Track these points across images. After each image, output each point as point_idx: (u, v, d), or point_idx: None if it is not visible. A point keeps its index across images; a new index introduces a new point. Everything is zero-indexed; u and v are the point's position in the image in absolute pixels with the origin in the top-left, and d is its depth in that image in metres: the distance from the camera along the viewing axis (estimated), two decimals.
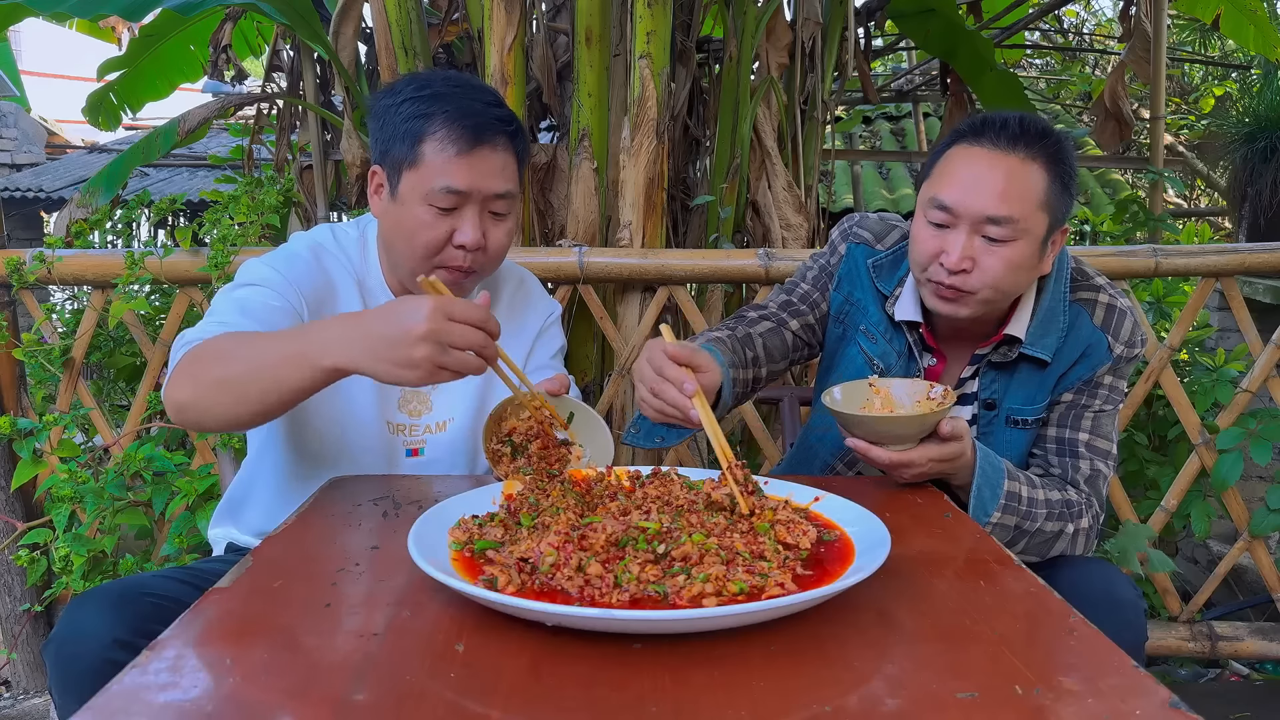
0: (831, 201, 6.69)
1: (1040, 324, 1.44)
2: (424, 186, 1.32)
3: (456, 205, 1.34)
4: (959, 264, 1.34)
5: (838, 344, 1.62)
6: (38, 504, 2.44)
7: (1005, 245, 1.34)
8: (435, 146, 1.32)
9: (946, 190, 1.36)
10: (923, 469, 1.30)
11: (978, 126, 1.37)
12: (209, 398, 1.17)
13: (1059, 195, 1.36)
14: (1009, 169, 1.33)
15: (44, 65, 21.69)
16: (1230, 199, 5.11)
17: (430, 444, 1.50)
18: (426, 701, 0.69)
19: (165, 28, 3.46)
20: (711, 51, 3.25)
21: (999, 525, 1.36)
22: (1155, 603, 2.47)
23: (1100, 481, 1.46)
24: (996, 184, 1.32)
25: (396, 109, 1.34)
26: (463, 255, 1.36)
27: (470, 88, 1.36)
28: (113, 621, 1.11)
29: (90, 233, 2.87)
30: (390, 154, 1.35)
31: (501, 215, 1.39)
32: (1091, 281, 1.50)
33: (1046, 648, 0.79)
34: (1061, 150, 1.35)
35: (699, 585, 0.83)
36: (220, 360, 1.17)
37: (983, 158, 1.34)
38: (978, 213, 1.33)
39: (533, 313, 1.60)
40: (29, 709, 2.38)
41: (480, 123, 1.32)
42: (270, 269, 1.38)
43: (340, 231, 1.51)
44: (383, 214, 1.40)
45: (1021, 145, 1.33)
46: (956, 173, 1.36)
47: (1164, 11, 4.35)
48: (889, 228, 1.60)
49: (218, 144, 8.67)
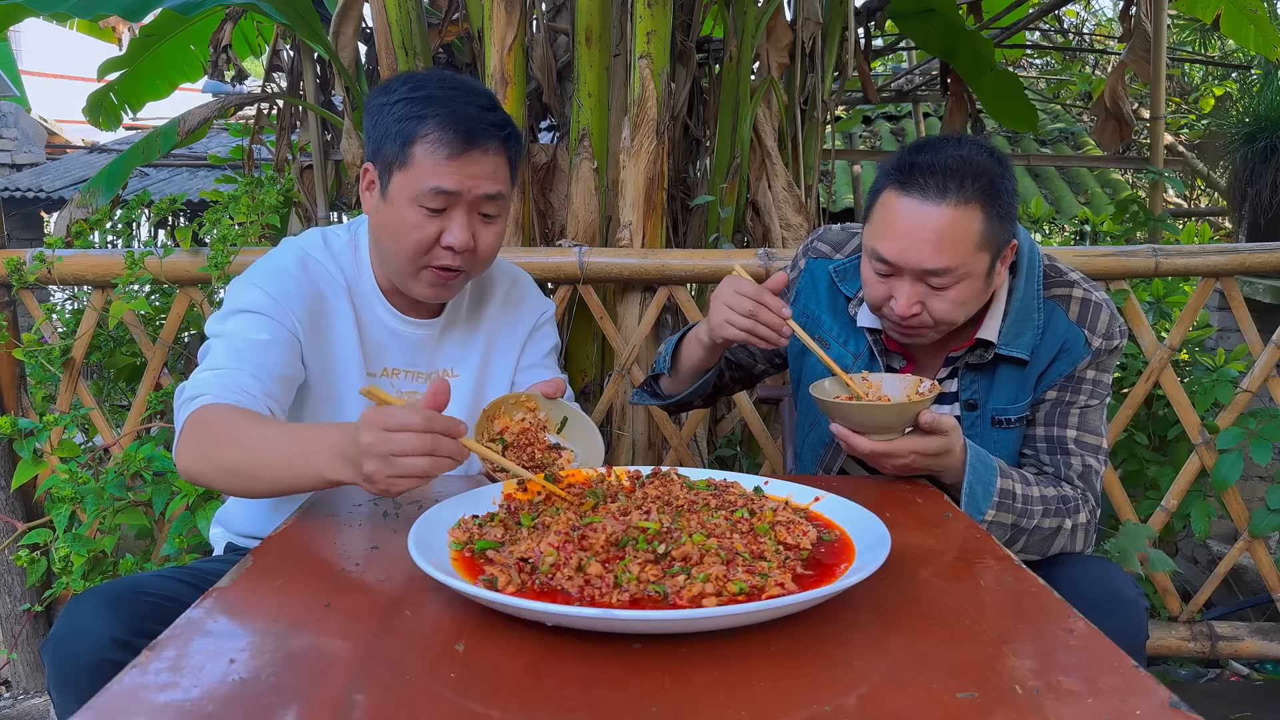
0: (831, 201, 6.69)
1: (1014, 323, 1.45)
2: (414, 187, 1.33)
3: (446, 206, 1.34)
4: (908, 310, 1.36)
5: (800, 356, 1.66)
6: (38, 504, 2.44)
7: (949, 289, 1.35)
8: (426, 148, 1.32)
9: (883, 244, 1.36)
10: (905, 461, 1.30)
11: (906, 172, 1.34)
12: (220, 480, 1.23)
13: (997, 227, 1.34)
14: (941, 221, 1.31)
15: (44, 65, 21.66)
16: (1230, 199, 5.12)
17: None
18: (426, 701, 0.69)
19: (165, 28, 3.45)
20: (711, 51, 3.25)
21: (995, 524, 1.36)
22: (1155, 603, 2.47)
23: (1093, 476, 1.47)
24: (929, 238, 1.31)
25: (390, 108, 1.34)
26: (451, 256, 1.36)
27: (465, 90, 1.36)
28: (111, 621, 1.11)
29: (90, 233, 2.86)
30: (382, 153, 1.35)
31: (491, 217, 1.39)
32: (1065, 277, 1.50)
33: (1046, 648, 0.79)
34: (993, 184, 1.33)
35: (699, 585, 0.83)
36: (228, 444, 1.19)
37: (913, 212, 1.32)
38: (916, 266, 1.33)
39: (525, 311, 1.61)
40: (29, 709, 2.38)
41: (473, 127, 1.32)
42: (260, 291, 1.38)
43: (331, 235, 1.51)
44: (373, 212, 1.41)
45: (951, 191, 1.31)
46: (891, 225, 1.35)
47: (1164, 11, 4.35)
48: (849, 236, 1.63)
49: (218, 144, 8.67)
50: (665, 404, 1.71)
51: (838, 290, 1.59)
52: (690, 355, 1.57)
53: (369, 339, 1.47)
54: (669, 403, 1.70)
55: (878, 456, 1.31)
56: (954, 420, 1.33)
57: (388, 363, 1.49)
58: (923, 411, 1.29)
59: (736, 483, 1.17)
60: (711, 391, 1.72)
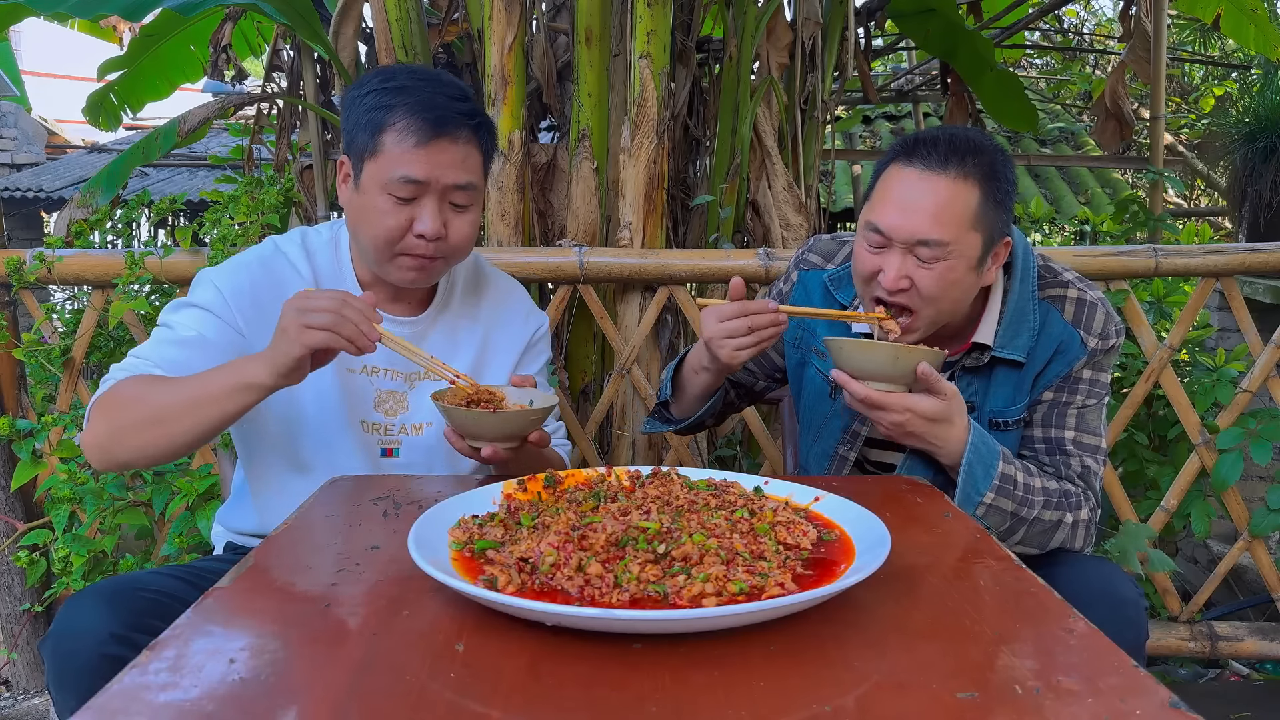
0: (831, 201, 6.69)
1: (1009, 325, 1.45)
2: (383, 176, 1.34)
3: (415, 195, 1.35)
4: (896, 283, 1.36)
5: (798, 369, 1.66)
6: (38, 504, 2.44)
7: (936, 265, 1.35)
8: (395, 137, 1.33)
9: (880, 214, 1.37)
10: (899, 418, 1.31)
11: (910, 145, 1.37)
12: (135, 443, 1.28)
13: (993, 211, 1.35)
14: (939, 190, 1.33)
15: (44, 65, 21.68)
16: (1230, 199, 5.12)
17: (406, 445, 1.50)
18: (426, 701, 0.69)
19: (165, 28, 3.46)
20: (711, 51, 3.25)
21: (994, 508, 1.36)
22: (1155, 603, 2.47)
23: (1092, 477, 1.47)
24: (927, 206, 1.33)
25: (361, 100, 1.36)
26: (424, 244, 1.37)
27: (435, 81, 1.38)
28: (109, 617, 1.11)
29: (90, 233, 2.86)
30: (354, 144, 1.37)
31: (463, 207, 1.40)
32: (1059, 278, 1.50)
33: (1046, 647, 0.79)
34: (994, 166, 1.35)
35: (699, 585, 0.83)
36: (137, 401, 1.27)
37: (914, 179, 1.35)
38: (909, 235, 1.34)
39: (520, 326, 1.61)
40: (29, 709, 2.38)
41: (441, 115, 1.34)
42: (212, 288, 1.42)
43: (312, 234, 1.53)
44: (348, 203, 1.42)
45: (953, 164, 1.33)
46: (890, 195, 1.37)
47: (1164, 11, 4.35)
48: (840, 245, 1.65)
49: (218, 144, 8.68)
50: (678, 429, 1.71)
51: (832, 299, 1.59)
52: (696, 383, 1.57)
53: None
54: (681, 427, 1.70)
55: (873, 408, 1.32)
56: (955, 388, 1.33)
57: (367, 360, 1.48)
58: (922, 362, 1.30)
59: (736, 483, 1.17)
60: (720, 412, 1.73)
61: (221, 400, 1.22)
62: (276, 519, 1.46)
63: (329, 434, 1.46)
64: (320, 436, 1.46)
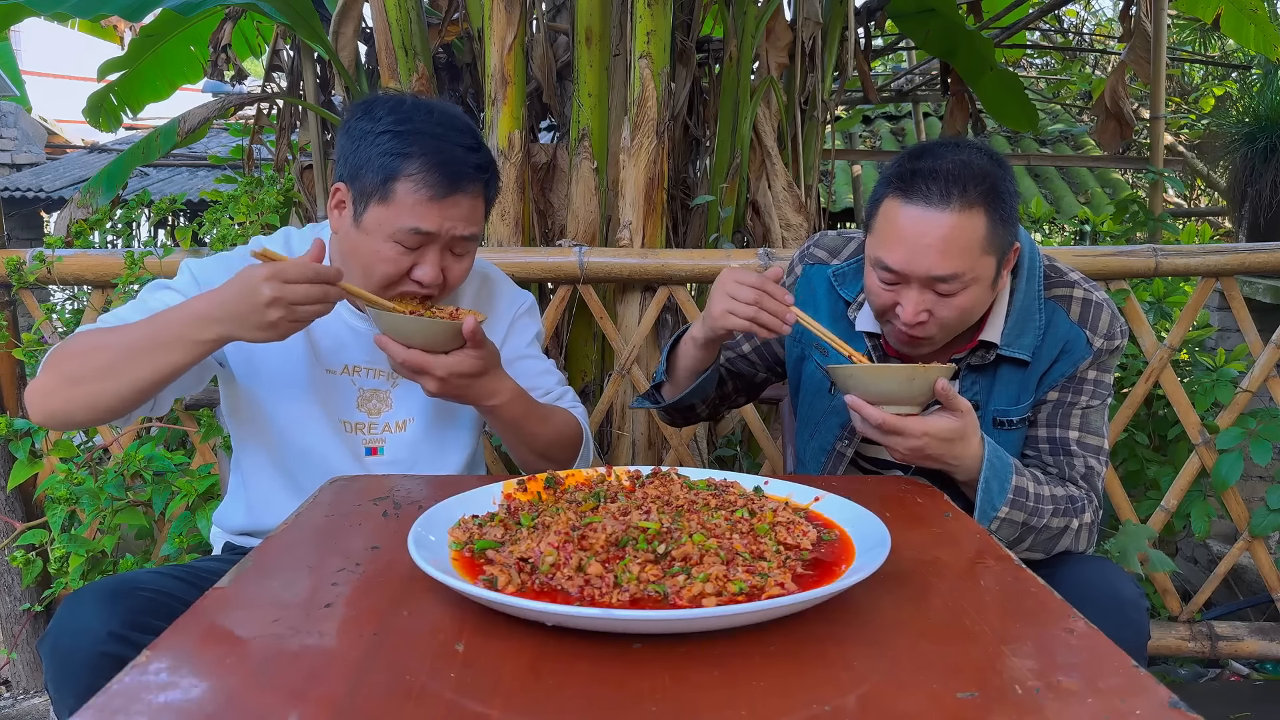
0: (831, 201, 6.69)
1: (1015, 324, 1.44)
2: (392, 224, 1.32)
3: (421, 245, 1.34)
4: (915, 317, 1.35)
5: (798, 363, 1.65)
6: (37, 504, 2.44)
7: (956, 295, 1.34)
8: (409, 187, 1.31)
9: (888, 253, 1.34)
10: (917, 443, 1.28)
11: (907, 181, 1.32)
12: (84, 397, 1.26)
13: (1001, 230, 1.33)
14: (945, 227, 1.30)
15: (44, 65, 21.69)
16: (1230, 199, 5.12)
17: (390, 443, 1.50)
18: (426, 701, 0.69)
19: (165, 28, 3.46)
20: (711, 51, 3.25)
21: (1006, 521, 1.36)
22: (1155, 603, 2.47)
23: (1095, 478, 1.47)
24: (935, 245, 1.30)
25: (375, 138, 1.33)
26: (419, 287, 1.37)
27: (452, 129, 1.35)
28: (107, 615, 1.11)
29: (90, 233, 2.86)
30: (360, 180, 1.34)
31: (462, 254, 1.40)
32: (1065, 278, 1.49)
33: (1046, 647, 0.79)
34: (996, 187, 1.32)
35: (699, 585, 0.83)
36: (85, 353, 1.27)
37: (917, 219, 1.31)
38: (922, 274, 1.32)
39: (502, 306, 1.60)
40: (29, 709, 2.38)
41: (458, 170, 1.32)
42: (190, 276, 1.42)
43: (296, 235, 1.52)
44: (343, 234, 1.39)
45: (955, 196, 1.29)
46: (895, 234, 1.34)
47: (1164, 11, 4.35)
48: (846, 240, 1.63)
49: (218, 144, 8.68)
50: (666, 409, 1.69)
51: (837, 295, 1.58)
52: (685, 356, 1.55)
53: (322, 336, 1.47)
54: (669, 406, 1.68)
55: (889, 433, 1.29)
56: (969, 404, 1.32)
57: (348, 360, 1.48)
58: (939, 379, 1.27)
59: (736, 483, 1.17)
60: (714, 401, 1.71)
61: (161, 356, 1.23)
62: (263, 519, 1.47)
63: (308, 437, 1.46)
64: (300, 439, 1.46)
